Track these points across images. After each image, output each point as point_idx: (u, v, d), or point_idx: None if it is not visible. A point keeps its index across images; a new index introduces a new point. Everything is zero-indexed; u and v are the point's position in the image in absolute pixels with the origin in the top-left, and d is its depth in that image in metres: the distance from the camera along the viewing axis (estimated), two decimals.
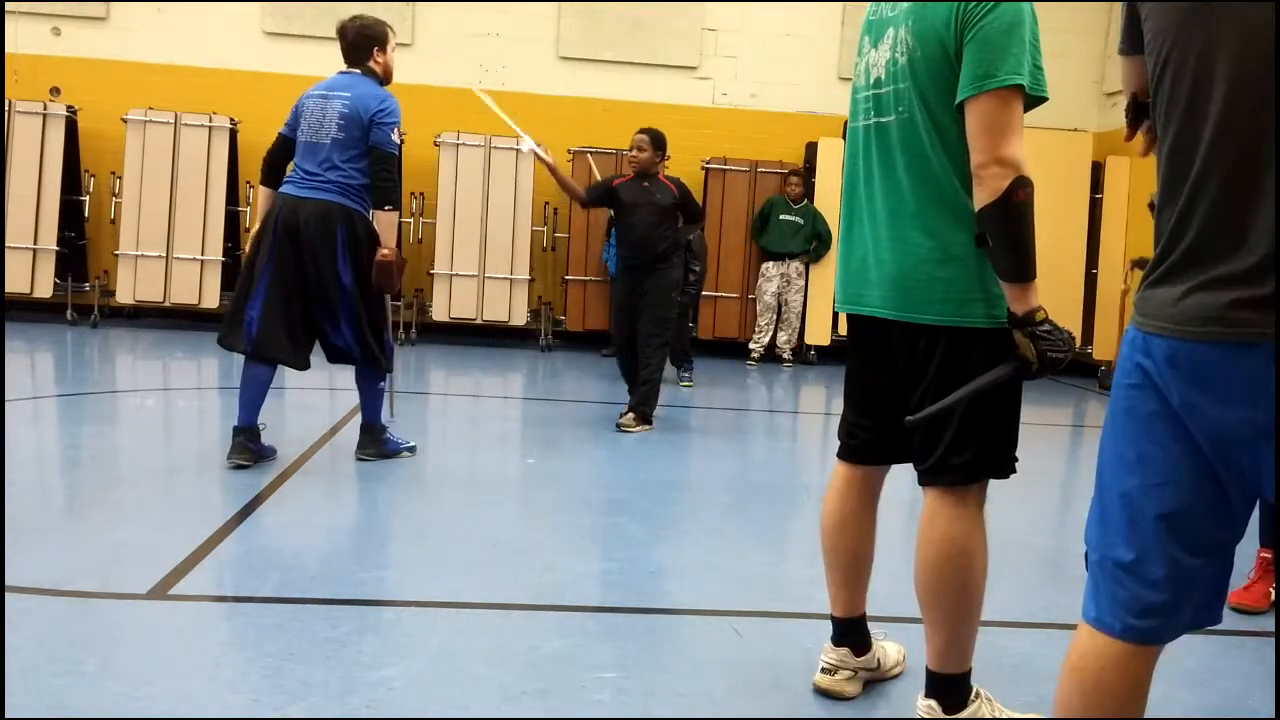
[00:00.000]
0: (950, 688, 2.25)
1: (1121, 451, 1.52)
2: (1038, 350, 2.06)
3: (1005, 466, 2.22)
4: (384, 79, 4.81)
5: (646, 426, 5.71)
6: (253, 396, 4.40)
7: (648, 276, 5.68)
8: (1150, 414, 1.48)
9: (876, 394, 2.36)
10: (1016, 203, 2.00)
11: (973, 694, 2.27)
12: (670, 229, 5.72)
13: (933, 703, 2.26)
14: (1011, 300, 2.07)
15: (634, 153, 5.76)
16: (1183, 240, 1.43)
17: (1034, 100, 2.07)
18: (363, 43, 4.69)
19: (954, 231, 2.11)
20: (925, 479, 2.24)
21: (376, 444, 4.71)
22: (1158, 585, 1.49)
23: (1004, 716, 2.31)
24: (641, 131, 5.82)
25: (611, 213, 6.30)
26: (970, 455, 2.16)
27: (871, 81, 2.24)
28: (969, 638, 2.24)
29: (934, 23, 2.08)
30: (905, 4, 2.16)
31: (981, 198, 2.03)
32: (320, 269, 4.29)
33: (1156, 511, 1.47)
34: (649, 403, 5.75)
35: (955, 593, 2.19)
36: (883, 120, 2.20)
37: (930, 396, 2.17)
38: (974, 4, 2.03)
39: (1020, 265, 2.04)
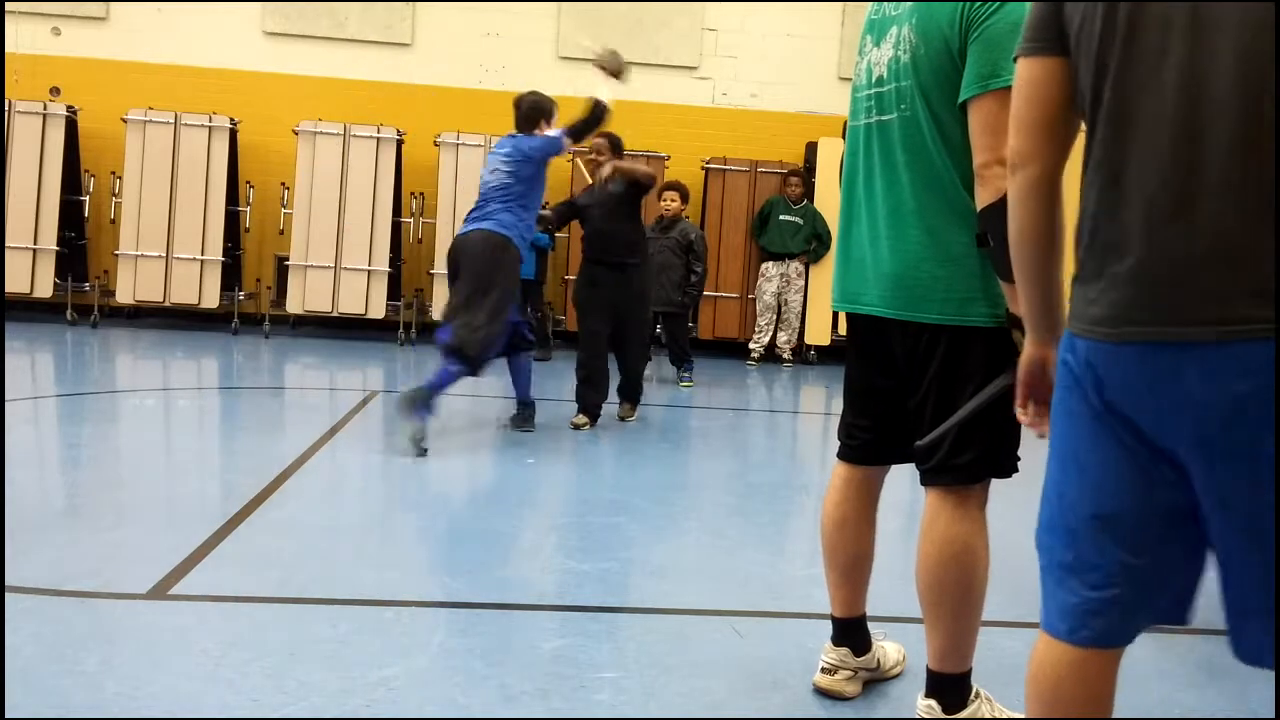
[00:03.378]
0: (950, 687, 2.24)
1: (1061, 454, 1.53)
2: None
3: (1007, 466, 2.22)
4: None
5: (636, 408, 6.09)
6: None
7: (619, 276, 5.72)
8: (1079, 414, 1.48)
9: (876, 394, 2.36)
10: None
11: (972, 694, 2.27)
12: (630, 217, 5.79)
13: (932, 702, 2.25)
14: (1010, 300, 2.07)
15: (593, 156, 5.93)
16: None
17: None
18: (533, 115, 5.44)
19: (955, 230, 2.11)
20: (927, 479, 2.23)
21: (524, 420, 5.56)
22: (1099, 585, 1.46)
23: (1004, 717, 2.30)
24: (598, 135, 5.87)
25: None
26: (973, 455, 2.16)
27: (873, 80, 2.24)
28: (970, 638, 2.24)
29: (938, 20, 2.08)
30: (908, 2, 2.16)
31: (984, 197, 2.03)
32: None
33: (1091, 511, 1.46)
34: (640, 390, 6.09)
35: (957, 592, 2.19)
36: (884, 118, 2.20)
37: (932, 397, 2.17)
38: (979, 3, 2.04)
39: None
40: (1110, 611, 1.47)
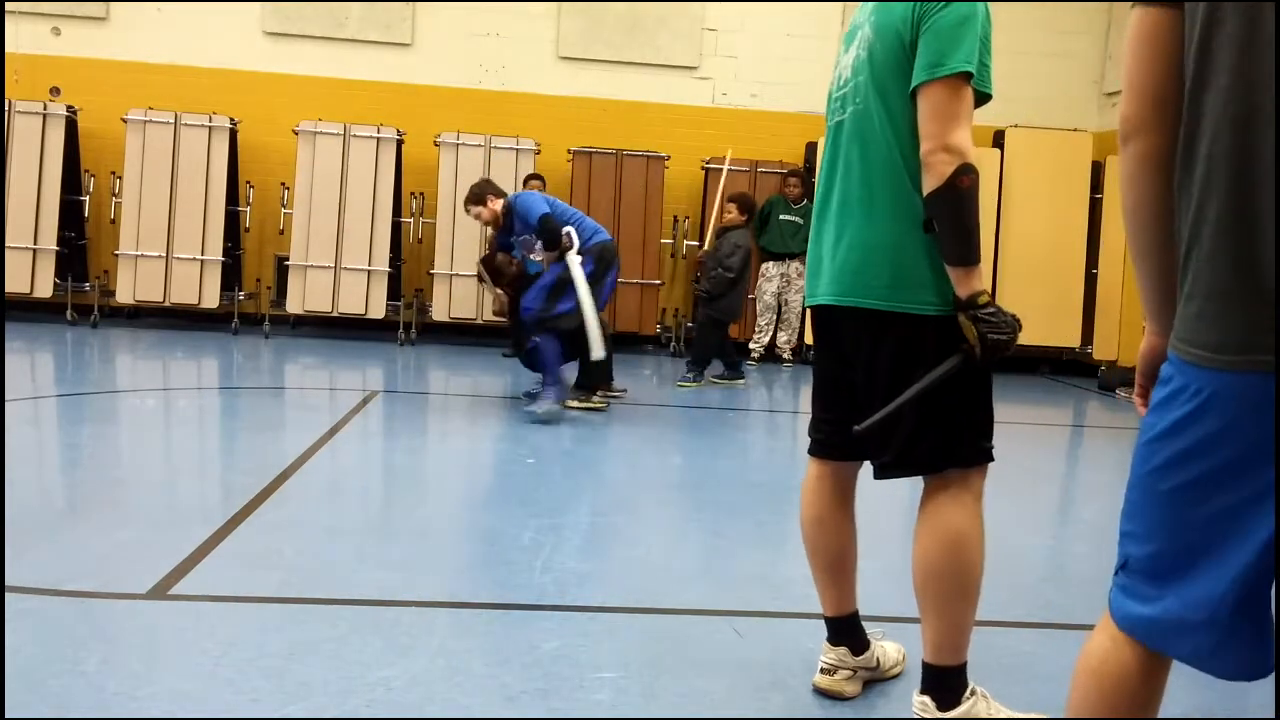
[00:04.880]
0: (943, 681, 2.24)
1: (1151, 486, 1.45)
2: (979, 333, 2.08)
3: (973, 455, 2.21)
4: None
5: None
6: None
7: None
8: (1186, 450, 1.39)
9: (839, 386, 2.37)
10: (961, 188, 2.05)
11: (968, 691, 2.27)
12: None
13: (926, 699, 2.25)
14: (956, 283, 2.10)
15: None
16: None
17: (980, 97, 2.12)
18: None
19: (900, 220, 2.15)
20: (882, 474, 2.26)
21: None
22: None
23: (1001, 716, 2.30)
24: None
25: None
26: (928, 446, 2.17)
27: (841, 82, 2.32)
28: (964, 629, 2.23)
29: (892, 18, 2.16)
30: (871, 4, 2.25)
31: (929, 183, 2.08)
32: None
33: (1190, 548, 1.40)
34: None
35: (951, 581, 2.18)
36: (845, 114, 2.28)
37: (880, 387, 2.18)
38: (929, 1, 2.11)
39: (964, 249, 2.08)
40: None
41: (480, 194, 6.23)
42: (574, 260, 5.72)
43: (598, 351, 5.79)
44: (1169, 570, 1.42)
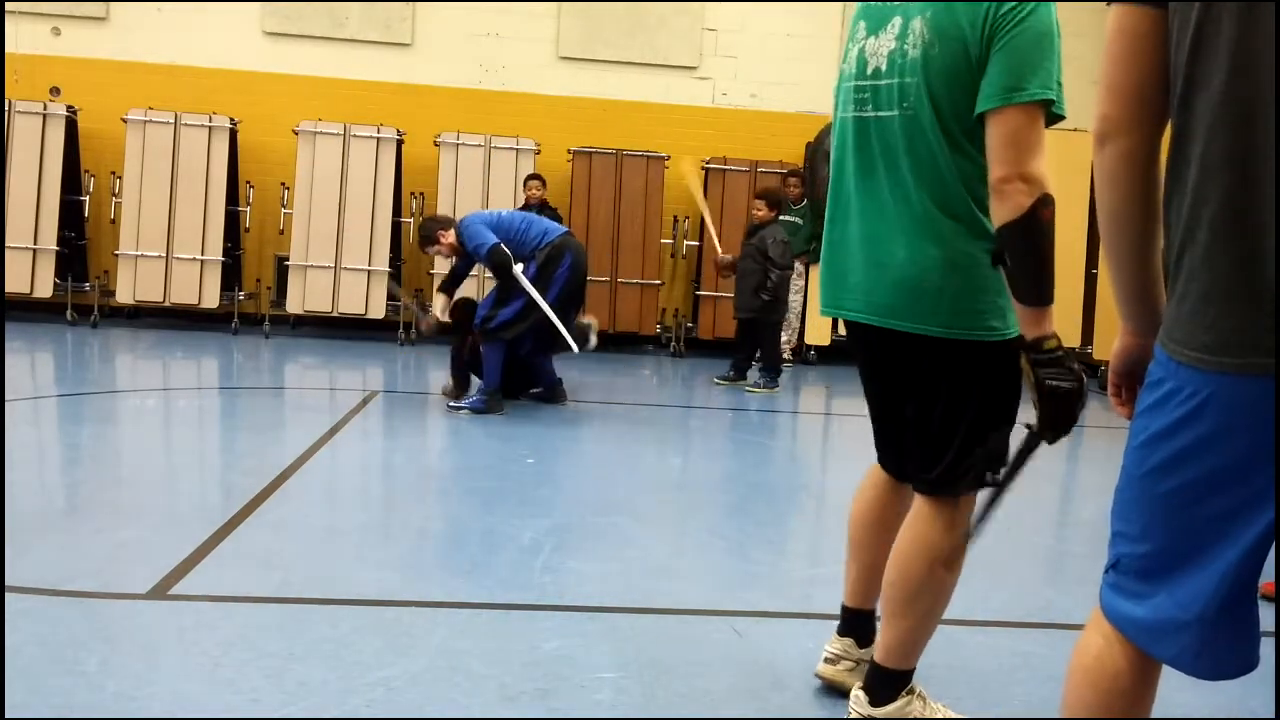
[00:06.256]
0: (884, 682, 2.24)
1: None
2: (1037, 378, 1.89)
3: (991, 480, 2.20)
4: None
5: None
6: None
7: None
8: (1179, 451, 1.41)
9: (893, 412, 2.29)
10: (1040, 222, 1.88)
11: (905, 690, 2.26)
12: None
13: (861, 694, 2.27)
14: (1024, 324, 1.93)
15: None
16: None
17: (1052, 118, 1.98)
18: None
19: (960, 240, 2.03)
20: (926, 489, 2.19)
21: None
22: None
23: (939, 716, 2.29)
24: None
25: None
26: (969, 469, 2.13)
27: (869, 72, 2.12)
28: (921, 640, 2.24)
29: (957, 19, 1.95)
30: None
31: (1002, 214, 1.90)
32: None
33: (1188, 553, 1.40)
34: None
35: (918, 591, 2.17)
36: (882, 115, 2.09)
37: (941, 411, 2.13)
38: (1005, 8, 1.92)
39: (1039, 287, 1.91)
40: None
41: (429, 233, 6.26)
42: (517, 270, 5.88)
43: (575, 347, 5.95)
44: (1162, 569, 1.43)
